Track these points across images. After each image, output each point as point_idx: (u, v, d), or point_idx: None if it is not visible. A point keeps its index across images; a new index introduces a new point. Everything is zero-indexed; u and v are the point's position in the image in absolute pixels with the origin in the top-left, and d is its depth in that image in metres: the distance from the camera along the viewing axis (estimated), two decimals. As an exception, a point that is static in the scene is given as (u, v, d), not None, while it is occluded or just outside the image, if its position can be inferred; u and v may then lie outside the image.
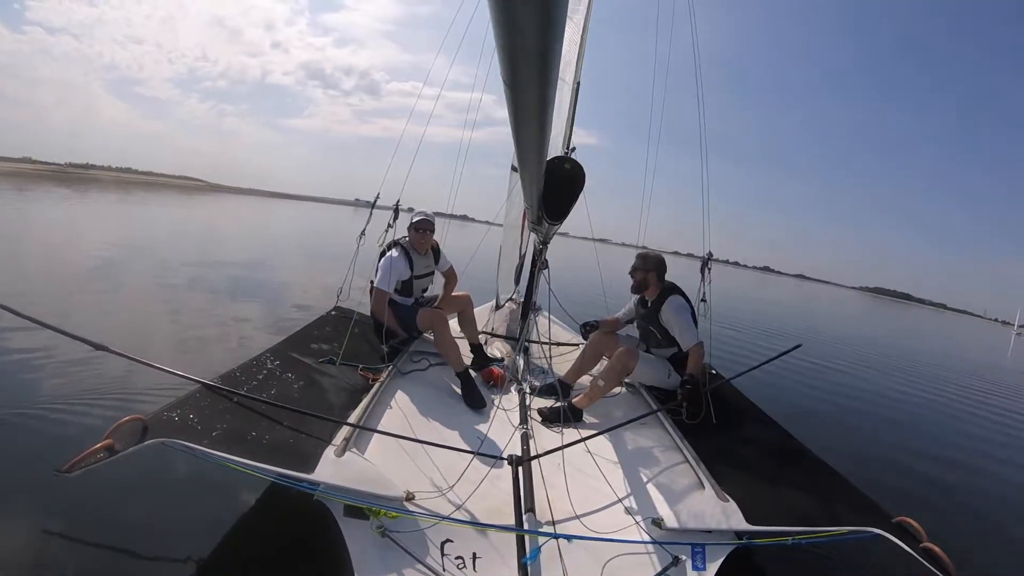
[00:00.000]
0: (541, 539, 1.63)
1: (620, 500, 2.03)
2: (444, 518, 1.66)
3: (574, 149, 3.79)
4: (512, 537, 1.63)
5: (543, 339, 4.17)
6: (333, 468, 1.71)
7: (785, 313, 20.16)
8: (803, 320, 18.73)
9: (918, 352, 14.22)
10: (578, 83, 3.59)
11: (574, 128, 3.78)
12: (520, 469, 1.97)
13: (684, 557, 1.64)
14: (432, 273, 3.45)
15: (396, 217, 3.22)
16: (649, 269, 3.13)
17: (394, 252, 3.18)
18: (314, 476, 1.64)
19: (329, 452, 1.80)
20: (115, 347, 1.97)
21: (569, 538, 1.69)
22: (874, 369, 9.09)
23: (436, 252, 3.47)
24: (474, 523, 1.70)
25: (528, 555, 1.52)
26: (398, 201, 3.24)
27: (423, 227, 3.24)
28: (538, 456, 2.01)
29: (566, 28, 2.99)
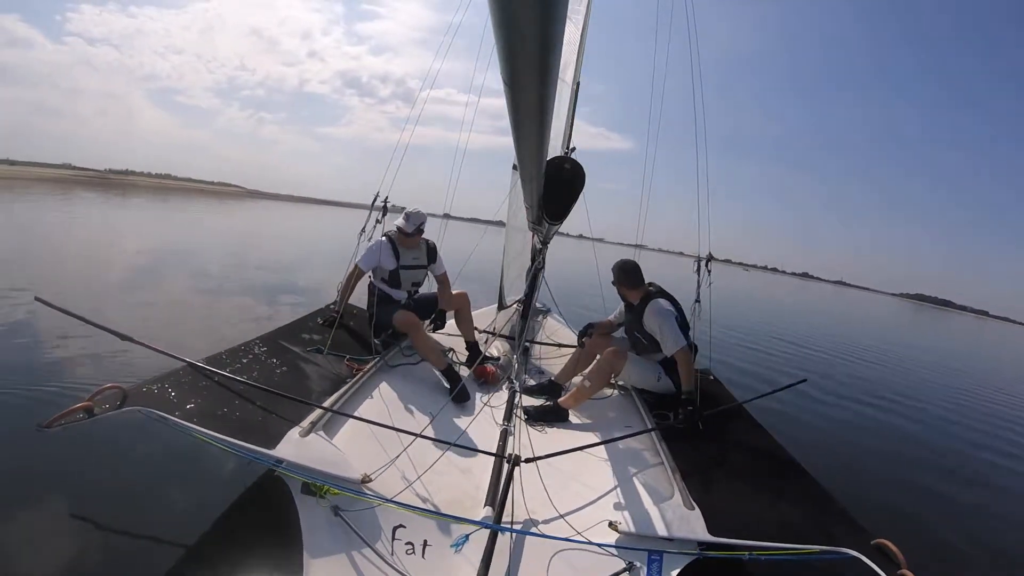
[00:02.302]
0: (492, 533, 1.60)
1: (585, 501, 2.01)
2: (391, 501, 1.67)
3: (574, 149, 3.78)
4: (465, 529, 1.61)
5: (544, 340, 4.16)
6: (295, 447, 1.77)
7: (812, 323, 19.46)
8: (835, 325, 17.92)
9: (945, 364, 13.52)
10: (578, 83, 3.58)
11: (577, 127, 3.78)
12: (494, 463, 1.99)
13: (639, 564, 1.61)
14: (424, 267, 3.42)
15: (384, 214, 3.27)
16: (617, 282, 3.12)
17: (381, 239, 3.25)
18: (274, 452, 1.70)
19: (294, 432, 1.85)
20: (139, 338, 2.11)
21: (523, 533, 1.69)
22: (894, 379, 8.69)
23: (432, 251, 3.44)
24: (420, 509, 1.71)
25: (455, 542, 1.53)
26: (386, 199, 3.26)
27: (402, 230, 3.21)
28: (532, 460, 1.98)
29: (566, 28, 2.99)
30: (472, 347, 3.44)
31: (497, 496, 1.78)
